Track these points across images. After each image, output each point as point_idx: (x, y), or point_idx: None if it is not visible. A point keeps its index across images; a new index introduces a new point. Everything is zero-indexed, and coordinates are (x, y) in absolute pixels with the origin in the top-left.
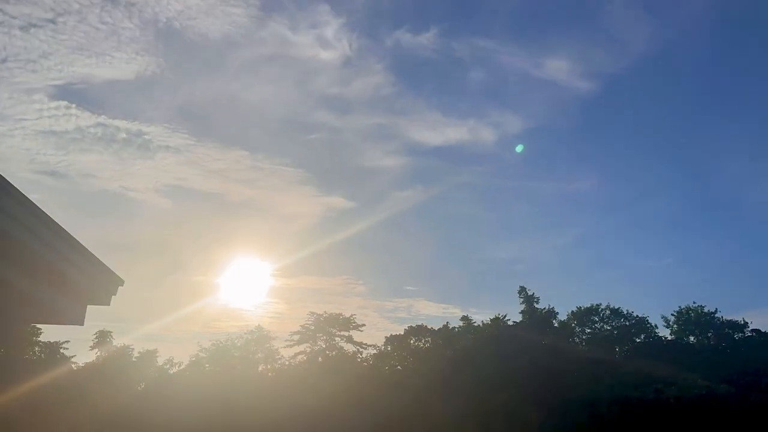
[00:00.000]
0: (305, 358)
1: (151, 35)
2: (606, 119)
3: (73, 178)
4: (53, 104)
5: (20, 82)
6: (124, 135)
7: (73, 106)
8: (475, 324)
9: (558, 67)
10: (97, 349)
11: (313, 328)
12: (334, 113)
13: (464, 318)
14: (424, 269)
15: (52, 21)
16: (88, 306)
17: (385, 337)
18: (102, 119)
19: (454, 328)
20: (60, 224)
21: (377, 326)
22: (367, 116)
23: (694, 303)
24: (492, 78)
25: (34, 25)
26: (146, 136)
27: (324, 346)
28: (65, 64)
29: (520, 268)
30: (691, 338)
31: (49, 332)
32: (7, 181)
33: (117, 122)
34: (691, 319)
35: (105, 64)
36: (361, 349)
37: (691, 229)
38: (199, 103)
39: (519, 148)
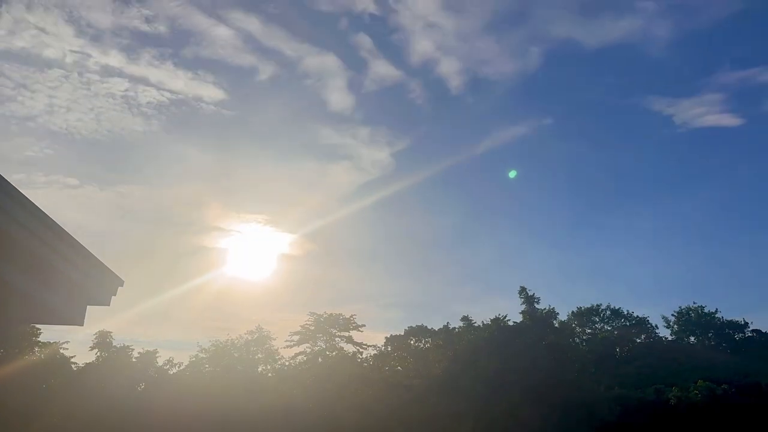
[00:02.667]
0: (305, 358)
1: None
2: None
3: None
4: None
5: None
6: None
7: None
8: (476, 324)
9: None
10: (96, 350)
11: (313, 328)
12: None
13: (464, 318)
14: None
15: None
16: (87, 306)
17: (385, 337)
18: None
19: (454, 328)
20: (60, 225)
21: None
22: None
23: (694, 303)
24: None
25: None
26: None
27: (324, 346)
28: None
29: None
30: (692, 339)
31: (48, 332)
32: (8, 182)
33: None
34: (692, 320)
35: None
36: (361, 350)
37: (693, 229)
38: None
39: (512, 174)
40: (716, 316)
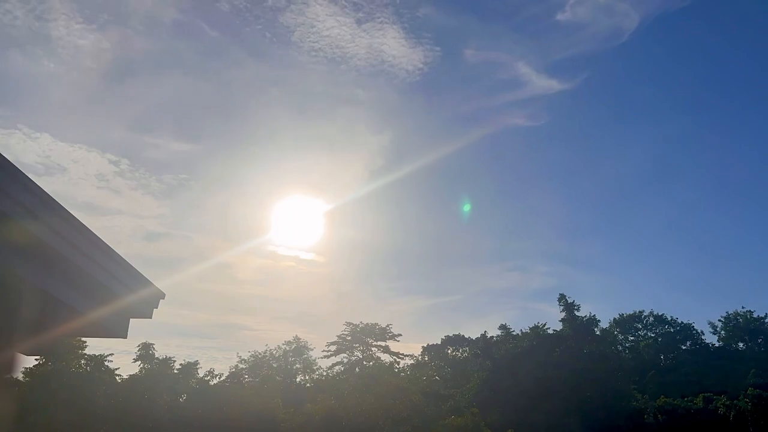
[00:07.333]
0: (342, 368)
1: None
2: None
3: None
4: None
5: None
6: None
7: None
8: (514, 333)
9: None
10: (140, 362)
11: (349, 338)
12: None
13: (502, 326)
14: None
15: None
16: (130, 319)
17: (422, 346)
18: None
19: (492, 337)
20: (103, 240)
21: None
22: None
23: (742, 308)
24: None
25: None
26: None
27: (361, 356)
28: None
29: None
30: (740, 344)
31: (93, 345)
32: (50, 195)
33: None
34: (740, 325)
35: None
36: (398, 360)
37: (739, 231)
38: None
39: (466, 208)
40: (766, 321)
